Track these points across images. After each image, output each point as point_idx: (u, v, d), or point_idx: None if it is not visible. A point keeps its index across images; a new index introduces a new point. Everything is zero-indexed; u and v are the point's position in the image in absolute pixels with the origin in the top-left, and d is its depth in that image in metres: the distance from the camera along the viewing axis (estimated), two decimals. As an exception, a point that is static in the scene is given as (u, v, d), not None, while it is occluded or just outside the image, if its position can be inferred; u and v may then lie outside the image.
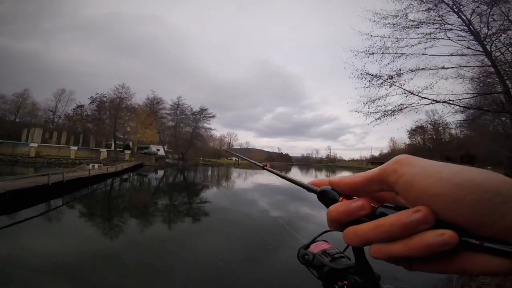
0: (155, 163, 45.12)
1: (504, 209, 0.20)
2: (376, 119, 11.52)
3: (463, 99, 10.63)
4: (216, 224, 8.99)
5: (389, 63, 10.88)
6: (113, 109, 46.33)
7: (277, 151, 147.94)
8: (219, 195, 16.89)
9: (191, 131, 58.91)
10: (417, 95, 10.46)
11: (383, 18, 10.75)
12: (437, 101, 10.36)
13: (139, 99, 53.41)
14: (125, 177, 23.64)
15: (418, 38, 10.58)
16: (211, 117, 60.84)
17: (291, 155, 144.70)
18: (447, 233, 0.22)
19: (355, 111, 12.15)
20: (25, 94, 49.98)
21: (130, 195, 14.96)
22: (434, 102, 10.41)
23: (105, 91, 50.20)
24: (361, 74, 11.18)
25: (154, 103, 54.67)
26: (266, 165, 0.66)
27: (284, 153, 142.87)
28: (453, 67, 10.67)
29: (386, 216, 0.25)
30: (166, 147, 55.93)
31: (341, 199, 0.30)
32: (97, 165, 22.41)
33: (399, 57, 10.84)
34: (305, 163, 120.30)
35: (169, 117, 58.24)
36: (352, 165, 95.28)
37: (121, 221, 8.71)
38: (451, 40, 10.04)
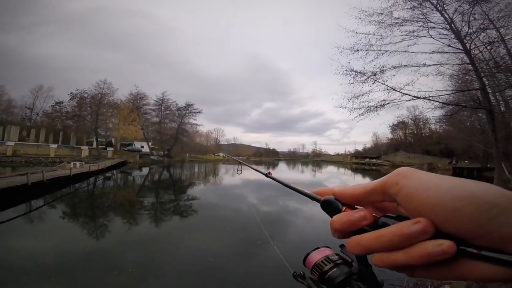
0: (139, 160, 44.15)
1: (500, 220, 0.21)
2: (360, 115, 11.83)
3: (442, 95, 11.08)
4: (204, 220, 8.95)
5: (373, 60, 11.16)
6: (94, 105, 44.70)
7: (264, 146, 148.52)
8: (207, 191, 16.78)
9: (176, 127, 57.95)
10: (399, 92, 10.81)
11: (368, 15, 10.97)
12: (417, 97, 10.74)
13: (121, 94, 51.62)
14: (109, 175, 23.03)
15: (401, 35, 10.89)
16: (197, 112, 60.09)
17: (278, 150, 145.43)
18: (446, 243, 0.23)
19: (340, 107, 12.41)
20: (0, 90, 47.36)
21: (114, 194, 14.58)
22: (415, 98, 10.79)
23: (86, 87, 48.13)
24: (346, 70, 11.40)
25: (137, 99, 53.27)
26: (269, 173, 0.66)
27: (271, 148, 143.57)
28: (434, 64, 11.09)
29: (388, 226, 0.27)
30: (150, 143, 54.78)
31: (344, 208, 0.31)
32: (78, 164, 21.60)
33: (383, 54, 11.12)
34: (292, 158, 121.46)
35: (154, 113, 56.99)
36: (337, 160, 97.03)
37: (106, 220, 8.50)
38: (433, 38, 10.40)
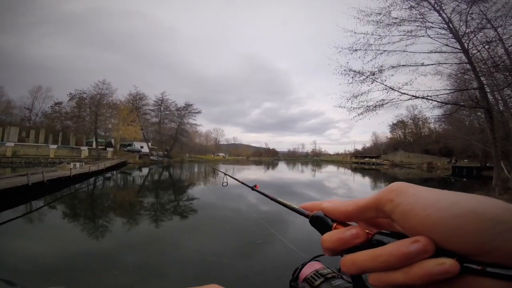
0: (139, 160, 44.15)
1: (507, 237, 0.20)
2: (359, 114, 11.89)
3: (441, 95, 11.13)
4: (205, 220, 8.97)
5: (371, 60, 11.21)
6: (93, 105, 44.72)
7: (264, 146, 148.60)
8: (207, 191, 16.80)
9: (176, 127, 57.98)
10: (398, 91, 10.86)
11: (367, 15, 11.03)
12: (416, 97, 10.80)
13: (121, 95, 51.90)
14: (108, 175, 23.03)
15: (400, 35, 10.95)
16: (197, 112, 60.20)
17: (278, 150, 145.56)
18: (448, 262, 0.22)
19: (339, 107, 12.47)
20: (-1, 92, 47.36)
21: (114, 194, 14.60)
22: (413, 97, 10.85)
23: (85, 87, 48.45)
24: (344, 70, 11.46)
25: (137, 99, 53.39)
26: (255, 185, 0.69)
27: (271, 148, 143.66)
28: (432, 64, 11.15)
29: (383, 245, 0.25)
30: (150, 144, 54.82)
31: (334, 225, 0.29)
32: (78, 164, 21.62)
33: (381, 54, 11.17)
34: (292, 157, 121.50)
35: (153, 113, 57.13)
36: (336, 159, 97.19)
37: (106, 221, 8.52)
38: (431, 37, 10.45)
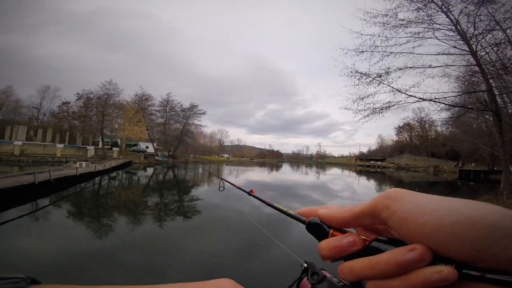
0: (144, 160, 44.49)
1: (505, 243, 0.20)
2: (364, 117, 11.78)
3: (449, 97, 11.00)
4: (208, 221, 8.97)
5: (378, 62, 11.11)
6: (100, 105, 45.25)
7: (268, 147, 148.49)
8: (211, 192, 16.82)
9: (181, 128, 58.30)
10: (404, 93, 10.74)
11: (373, 17, 10.94)
12: (423, 99, 10.67)
13: (127, 95, 52.51)
14: (114, 175, 23.24)
15: (406, 37, 10.84)
16: (202, 113, 60.51)
17: (282, 151, 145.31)
18: (446, 270, 0.22)
19: (345, 109, 12.37)
20: (8, 91, 48.35)
21: (119, 194, 14.71)
22: (420, 100, 10.71)
23: (91, 87, 49.31)
24: (350, 72, 11.37)
25: (142, 100, 53.85)
26: (252, 191, 0.68)
27: (275, 150, 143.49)
28: (440, 66, 11.01)
29: (380, 253, 0.25)
30: (155, 144, 55.21)
31: (331, 232, 0.30)
32: (84, 163, 21.86)
33: (388, 55, 11.07)
34: (296, 159, 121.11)
35: (158, 114, 57.60)
36: (341, 162, 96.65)
37: (110, 220, 8.58)
38: (439, 39, 10.33)
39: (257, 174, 34.73)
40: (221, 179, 1.07)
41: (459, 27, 9.82)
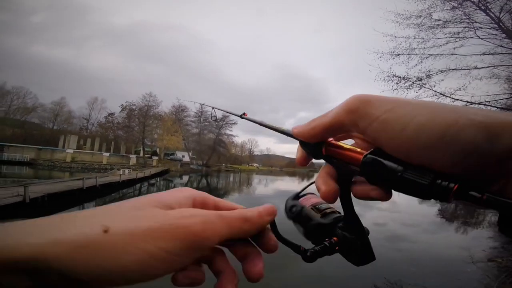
0: (180, 168, 46.40)
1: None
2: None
3: (500, 99, 9.94)
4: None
5: (416, 65, 10.44)
6: (141, 116, 48.53)
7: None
8: (241, 200, 16.95)
9: (214, 137, 60.09)
10: (450, 97, 9.92)
11: (406, 18, 10.41)
12: (471, 103, 9.76)
13: (164, 106, 55.45)
14: (153, 182, 24.52)
15: (445, 38, 10.10)
16: (233, 123, 61.69)
17: (314, 161, 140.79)
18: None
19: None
20: (62, 102, 53.79)
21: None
22: (468, 103, 9.82)
23: (133, 99, 52.68)
24: (387, 76, 10.80)
25: (179, 111, 56.51)
26: (244, 113, 0.72)
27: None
28: (487, 67, 10.05)
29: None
30: (190, 153, 57.39)
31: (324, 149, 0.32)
32: (127, 171, 23.38)
33: (427, 58, 10.37)
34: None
35: (193, 124, 59.88)
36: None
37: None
38: (482, 39, 9.48)
39: (286, 184, 34.25)
40: (213, 107, 1.09)
41: (502, 25, 8.95)
